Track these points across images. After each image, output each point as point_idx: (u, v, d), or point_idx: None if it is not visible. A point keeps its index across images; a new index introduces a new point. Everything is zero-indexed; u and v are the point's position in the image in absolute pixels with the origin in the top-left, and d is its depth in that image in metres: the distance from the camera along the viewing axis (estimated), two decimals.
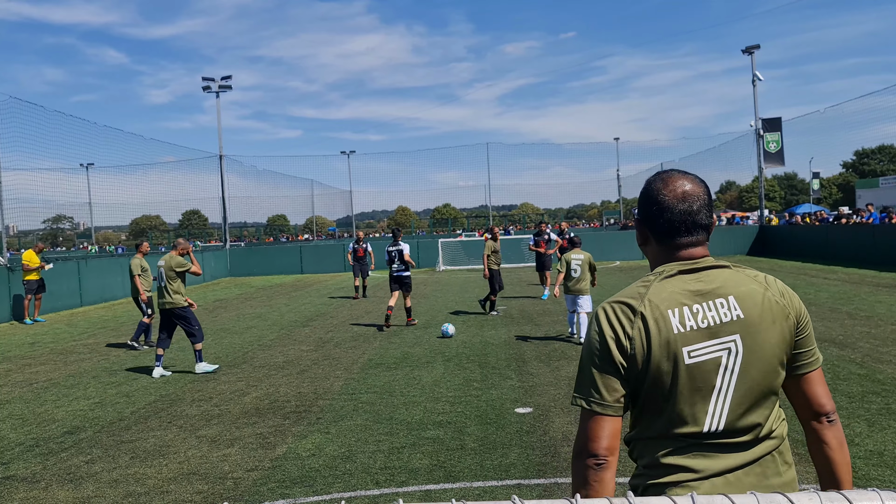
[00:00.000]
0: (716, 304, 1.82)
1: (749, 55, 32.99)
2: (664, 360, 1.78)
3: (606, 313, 1.85)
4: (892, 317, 11.56)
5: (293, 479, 5.38)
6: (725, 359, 1.80)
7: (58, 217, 59.66)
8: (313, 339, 12.36)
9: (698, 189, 1.92)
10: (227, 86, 34.66)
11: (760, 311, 1.83)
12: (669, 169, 1.99)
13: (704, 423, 1.79)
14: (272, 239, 76.77)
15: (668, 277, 1.87)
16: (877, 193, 49.73)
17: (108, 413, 7.72)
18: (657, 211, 1.92)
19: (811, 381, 1.91)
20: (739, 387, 1.80)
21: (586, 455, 1.77)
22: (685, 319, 1.79)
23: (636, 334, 1.79)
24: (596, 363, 1.82)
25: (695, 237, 1.91)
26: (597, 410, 1.79)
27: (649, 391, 1.80)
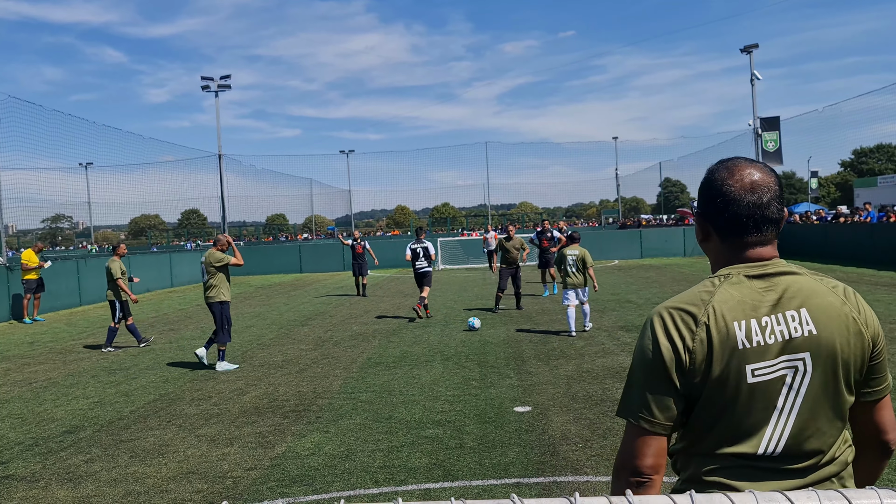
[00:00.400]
0: (786, 316, 1.63)
1: (748, 54, 33.01)
2: (725, 378, 1.61)
3: (664, 321, 1.66)
4: (890, 315, 11.57)
5: (292, 478, 5.39)
6: (791, 377, 1.63)
7: (57, 216, 59.68)
8: (312, 338, 12.37)
9: (768, 179, 1.71)
10: (226, 85, 34.64)
11: (835, 327, 1.64)
12: (734, 157, 1.79)
13: (760, 444, 1.63)
14: (271, 238, 76.79)
15: (735, 283, 1.68)
16: (875, 192, 49.75)
17: (107, 412, 7.73)
18: (722, 203, 1.71)
19: (879, 408, 1.74)
20: (804, 409, 1.63)
21: (629, 472, 1.65)
22: (752, 334, 1.61)
23: (697, 347, 1.61)
24: (648, 377, 1.66)
25: (764, 234, 1.71)
26: (645, 427, 1.65)
27: (704, 408, 1.65)
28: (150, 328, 14.81)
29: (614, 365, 8.84)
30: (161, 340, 12.91)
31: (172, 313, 17.66)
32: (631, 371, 1.72)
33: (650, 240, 31.91)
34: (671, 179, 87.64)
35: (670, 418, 1.64)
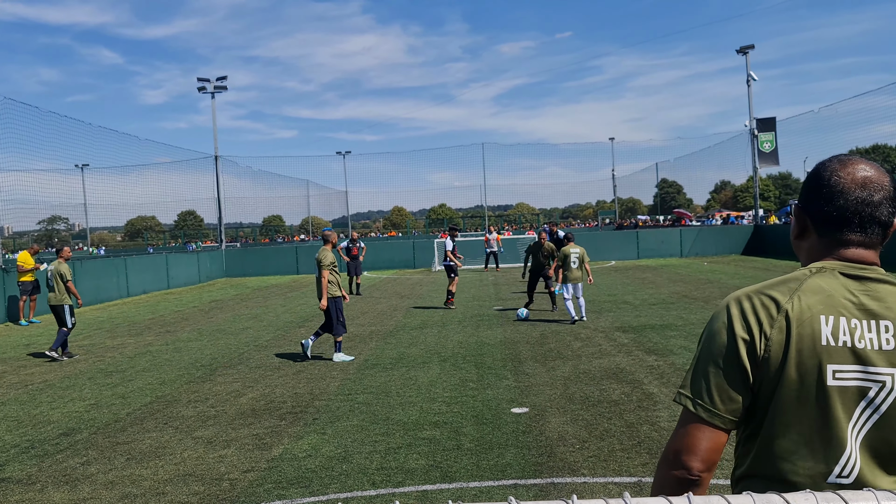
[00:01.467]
0: (880, 325, 1.48)
1: (744, 55, 33.08)
2: (803, 374, 1.47)
3: (742, 305, 1.54)
4: None
5: (289, 479, 5.38)
6: (874, 392, 1.47)
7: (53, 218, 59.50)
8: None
9: (884, 178, 1.57)
10: (222, 86, 34.62)
11: None
12: (850, 153, 1.68)
13: (837, 463, 1.47)
14: (268, 239, 76.72)
15: (828, 276, 1.54)
16: None
17: (103, 414, 7.71)
18: (827, 194, 1.58)
19: None
20: (877, 429, 1.48)
21: (678, 466, 1.51)
22: (839, 332, 1.47)
23: (775, 335, 1.48)
24: (717, 361, 1.52)
25: (868, 236, 1.57)
26: (703, 416, 1.51)
27: (778, 409, 1.50)
28: (147, 330, 14.79)
29: (611, 366, 8.85)
30: (158, 342, 12.89)
31: (169, 315, 17.63)
32: (698, 353, 1.58)
33: (647, 241, 31.94)
34: (667, 180, 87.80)
35: (733, 411, 1.50)
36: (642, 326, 11.86)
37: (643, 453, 5.56)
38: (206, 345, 12.25)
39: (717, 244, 31.67)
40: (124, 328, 15.38)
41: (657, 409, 6.76)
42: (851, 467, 1.47)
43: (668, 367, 8.60)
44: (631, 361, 9.04)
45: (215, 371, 9.83)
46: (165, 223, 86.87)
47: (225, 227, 36.94)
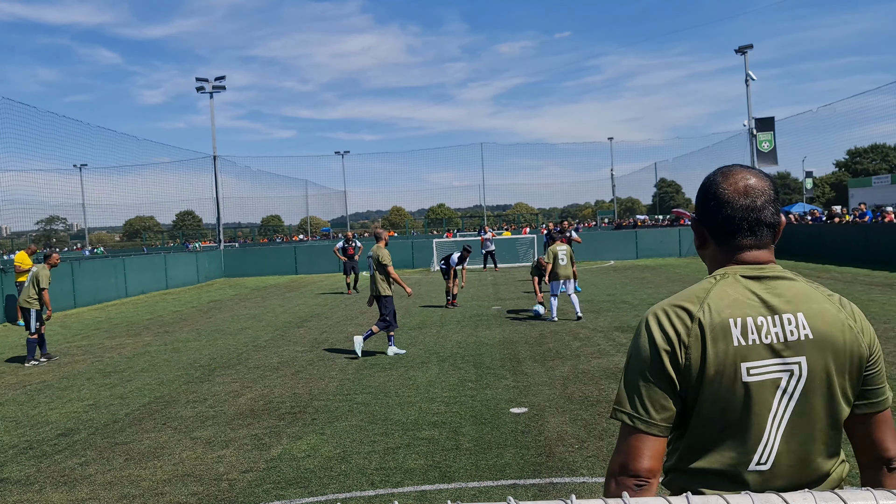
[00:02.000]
0: (783, 319, 1.63)
1: (742, 55, 33.11)
2: (721, 375, 1.59)
3: (659, 318, 1.66)
4: (885, 315, 11.61)
5: (288, 480, 5.37)
6: (786, 381, 1.61)
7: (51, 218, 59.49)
8: (308, 339, 12.35)
9: (763, 183, 1.73)
10: (220, 86, 34.62)
11: (831, 333, 1.63)
12: (732, 164, 1.81)
13: (755, 454, 1.62)
14: (266, 239, 76.69)
15: (731, 282, 1.68)
16: (869, 192, 49.93)
17: (102, 415, 7.70)
18: (716, 206, 1.73)
19: (878, 423, 1.69)
20: (795, 416, 1.62)
21: (626, 475, 1.61)
22: (748, 332, 1.61)
23: (693, 343, 1.60)
24: (645, 375, 1.63)
25: (759, 238, 1.72)
26: (641, 428, 1.61)
27: (701, 410, 1.62)
28: (146, 330, 14.78)
29: (610, 366, 8.84)
30: (156, 343, 12.88)
31: (167, 315, 17.62)
32: (626, 370, 1.69)
33: (645, 240, 31.95)
34: (666, 180, 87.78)
35: (667, 419, 1.61)
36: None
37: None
38: (205, 345, 12.24)
39: None
40: (123, 328, 15.37)
41: None
42: (769, 455, 1.60)
43: None
44: None
45: (214, 371, 9.82)
46: (164, 223, 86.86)
47: (223, 227, 36.93)
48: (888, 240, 21.74)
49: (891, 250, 21.31)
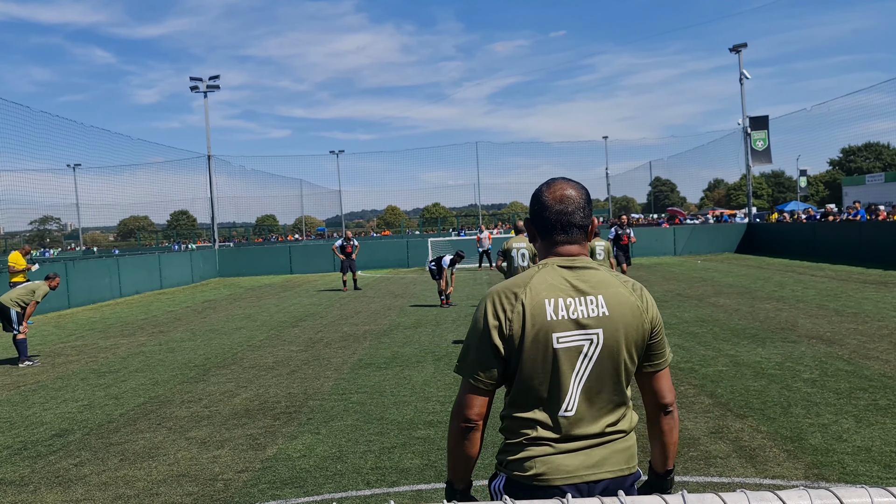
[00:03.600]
0: (587, 300, 2.07)
1: (736, 53, 33.18)
2: (536, 343, 2.03)
3: (493, 299, 2.10)
4: (878, 313, 11.65)
5: (284, 480, 5.36)
6: (587, 347, 2.06)
7: (45, 218, 59.29)
8: (303, 339, 12.33)
9: (576, 194, 2.19)
10: (215, 86, 34.52)
11: (622, 311, 2.09)
12: (556, 177, 2.27)
13: (562, 403, 2.05)
14: (261, 239, 76.55)
15: (550, 270, 2.12)
16: (863, 191, 50.12)
17: (96, 415, 7.68)
18: (539, 209, 2.20)
19: (658, 378, 2.21)
20: (593, 374, 2.06)
21: (461, 419, 2.11)
22: (559, 309, 2.05)
23: (515, 318, 2.04)
24: (478, 344, 2.09)
25: (571, 236, 2.17)
26: (472, 384, 2.09)
27: (522, 369, 2.05)
28: (140, 330, 14.74)
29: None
30: (151, 343, 12.85)
31: (162, 315, 17.57)
32: (467, 336, 2.15)
33: (640, 239, 31.98)
34: (661, 178, 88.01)
35: (492, 377, 2.08)
36: None
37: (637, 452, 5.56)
38: (200, 345, 12.21)
39: (711, 242, 31.76)
40: (117, 328, 15.32)
41: None
42: (573, 405, 2.06)
43: None
44: None
45: (209, 371, 9.80)
46: (158, 223, 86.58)
47: (218, 227, 36.85)
48: (882, 238, 21.83)
49: (884, 248, 21.39)
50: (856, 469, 4.91)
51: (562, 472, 2.03)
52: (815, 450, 5.34)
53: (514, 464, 2.09)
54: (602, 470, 2.06)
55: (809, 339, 9.69)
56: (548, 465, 2.04)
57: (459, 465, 2.20)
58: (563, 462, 2.04)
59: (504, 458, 2.14)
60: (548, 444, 2.05)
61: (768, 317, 11.94)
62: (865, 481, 4.68)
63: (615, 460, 2.09)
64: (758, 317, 12.00)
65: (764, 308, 13.02)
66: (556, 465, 2.04)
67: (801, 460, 5.14)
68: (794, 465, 5.05)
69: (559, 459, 2.04)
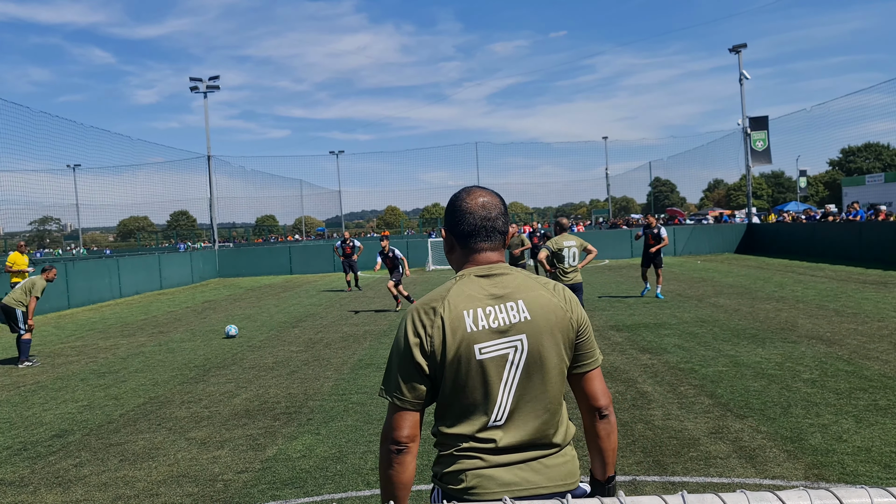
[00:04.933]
0: (507, 306, 2.04)
1: (736, 54, 33.18)
2: (458, 356, 1.98)
3: (412, 316, 2.05)
4: (878, 313, 11.65)
5: (284, 480, 5.36)
6: (512, 355, 2.01)
7: (44, 219, 59.24)
8: (303, 339, 12.33)
9: (495, 200, 2.18)
10: (214, 86, 34.52)
11: (545, 314, 2.05)
12: (472, 185, 2.27)
13: (492, 412, 2.01)
14: (261, 239, 76.53)
15: (467, 281, 2.08)
16: (863, 191, 50.11)
17: (96, 416, 7.67)
18: (460, 216, 2.15)
19: (589, 379, 2.17)
20: (522, 381, 2.02)
21: (389, 442, 2.02)
22: (478, 319, 2.00)
23: (435, 333, 1.99)
24: (400, 363, 2.03)
25: (492, 242, 2.15)
26: (398, 405, 2.02)
27: (448, 383, 2.01)
28: (140, 331, 14.74)
29: (605, 365, 8.85)
30: (150, 343, 12.85)
31: (162, 315, 17.57)
32: (389, 357, 2.09)
33: (640, 239, 31.95)
34: (661, 179, 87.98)
35: (418, 396, 2.01)
36: (636, 325, 11.88)
37: (637, 452, 5.56)
38: (200, 345, 12.21)
39: (711, 243, 31.75)
40: (117, 329, 15.32)
41: (651, 408, 6.76)
42: (503, 413, 2.01)
43: (662, 365, 8.62)
44: (625, 360, 9.05)
45: (209, 372, 9.80)
46: (158, 223, 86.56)
47: (218, 227, 36.84)
48: (882, 238, 21.83)
49: (884, 249, 21.39)
50: (856, 469, 4.91)
51: (494, 486, 1.98)
52: (815, 450, 5.34)
53: (448, 476, 2.03)
54: (536, 486, 2.00)
55: (809, 340, 9.68)
56: (480, 479, 1.99)
57: (393, 492, 2.05)
58: (494, 475, 1.99)
59: (438, 471, 2.08)
60: (479, 456, 2.00)
61: (768, 317, 11.94)
62: (865, 481, 4.68)
63: (551, 475, 2.03)
64: (758, 317, 12.00)
65: (764, 308, 13.02)
66: (489, 478, 1.99)
67: (801, 460, 5.14)
68: (794, 466, 5.05)
69: (490, 472, 1.99)
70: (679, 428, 6.09)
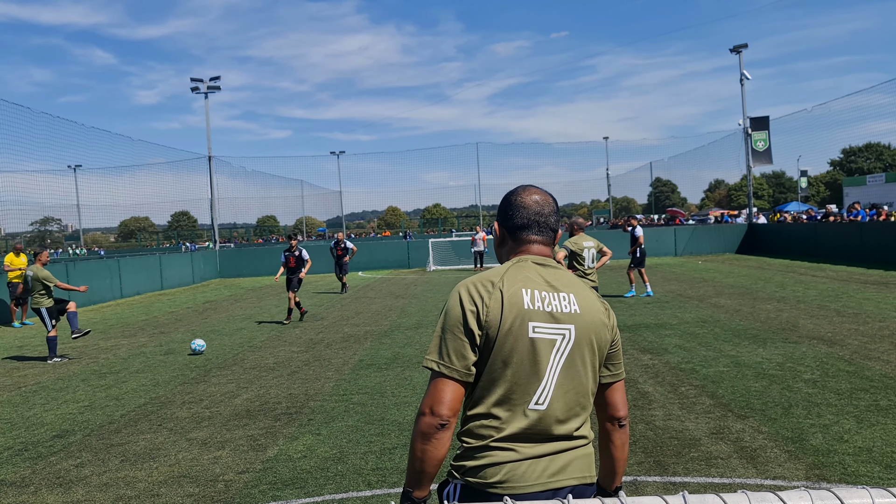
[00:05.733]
0: (559, 296, 2.10)
1: (737, 54, 33.17)
2: (514, 328, 2.01)
3: (468, 287, 2.09)
4: (879, 314, 11.64)
5: (284, 480, 5.36)
6: (559, 342, 2.05)
7: (45, 219, 59.22)
8: (304, 340, 12.33)
9: (549, 199, 2.27)
10: (215, 86, 34.56)
11: (591, 313, 2.12)
12: (526, 184, 2.31)
13: (536, 392, 2.02)
14: (262, 240, 76.53)
15: (524, 265, 2.15)
16: (864, 191, 50.11)
17: (97, 416, 7.68)
18: (514, 210, 2.23)
19: (614, 389, 2.20)
20: (565, 370, 2.05)
21: (432, 415, 1.97)
22: (535, 299, 2.06)
23: (493, 304, 2.03)
24: (453, 331, 2.03)
25: (544, 236, 2.22)
26: (444, 373, 2.00)
27: (497, 359, 2.01)
28: (141, 331, 14.74)
29: None
30: (151, 344, 12.85)
31: (162, 316, 17.57)
32: (439, 328, 2.08)
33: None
34: (662, 179, 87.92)
35: (466, 367, 2.01)
36: (637, 325, 11.88)
37: (638, 452, 5.56)
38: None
39: (712, 243, 31.74)
40: (118, 329, 15.32)
41: (652, 408, 6.76)
42: (546, 398, 2.03)
43: (663, 365, 8.61)
44: (626, 360, 9.04)
45: (209, 372, 9.80)
46: (159, 224, 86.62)
47: (219, 228, 36.85)
48: (883, 238, 21.81)
49: (886, 249, 21.38)
50: (857, 470, 4.91)
51: (525, 480, 1.97)
52: (817, 450, 5.33)
53: (474, 470, 2.00)
54: (565, 476, 2.01)
55: (810, 340, 9.68)
56: (511, 472, 1.97)
57: (423, 470, 1.99)
58: (526, 469, 1.98)
59: (462, 465, 2.04)
60: (513, 448, 1.99)
61: (769, 317, 11.93)
62: (867, 482, 4.67)
63: (579, 465, 2.05)
64: (759, 317, 12.00)
65: (765, 309, 13.01)
66: (521, 472, 1.98)
67: (802, 461, 5.14)
68: (795, 466, 5.05)
69: (524, 466, 1.98)
70: (680, 428, 6.09)
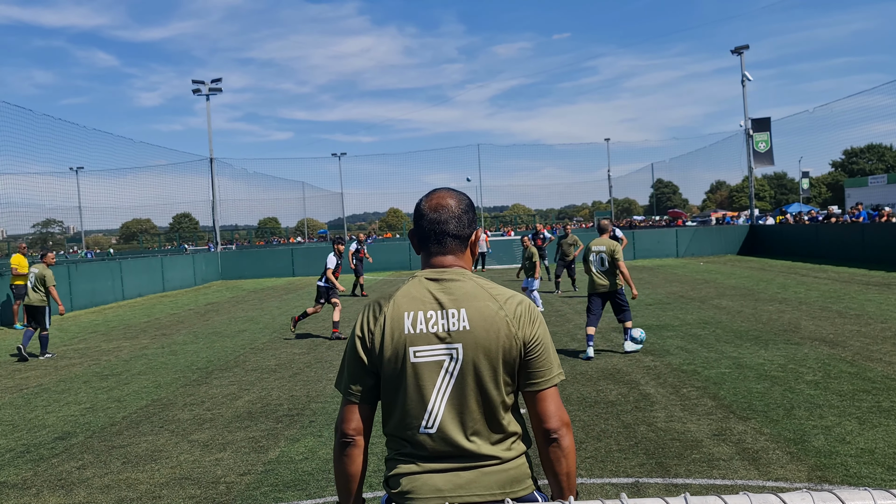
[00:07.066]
0: (448, 313, 2.02)
1: (738, 55, 33.15)
2: (394, 356, 2.01)
3: (365, 312, 2.11)
4: (881, 315, 11.62)
5: (286, 482, 5.36)
6: (447, 363, 2.00)
7: (47, 221, 59.31)
8: (306, 341, 12.33)
9: (454, 203, 2.16)
10: (217, 88, 34.58)
11: (485, 326, 2.01)
12: (439, 187, 2.23)
13: (424, 417, 2.00)
14: (263, 242, 76.58)
15: (416, 282, 2.10)
16: (866, 192, 50.08)
17: (99, 418, 7.68)
18: (416, 219, 2.18)
19: (540, 399, 2.05)
20: (455, 390, 2.00)
21: (338, 434, 2.09)
22: (417, 322, 2.02)
23: (377, 330, 2.04)
24: (348, 356, 2.10)
25: (444, 247, 2.14)
26: (347, 398, 2.09)
27: (385, 383, 2.05)
28: (142, 333, 14.75)
29: (607, 366, 8.84)
30: (153, 346, 12.86)
31: (164, 318, 17.58)
32: (343, 353, 2.18)
33: (643, 241, 31.97)
34: (663, 180, 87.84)
35: (364, 390, 2.07)
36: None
37: (640, 454, 5.56)
38: (202, 347, 12.21)
39: (713, 244, 31.72)
40: (120, 331, 15.33)
41: (654, 410, 6.75)
42: (434, 421, 2.00)
43: (664, 367, 8.61)
44: (627, 362, 9.04)
45: (211, 374, 9.80)
46: (161, 226, 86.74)
47: (220, 230, 36.87)
48: (885, 240, 21.79)
49: (888, 250, 21.35)
50: (859, 471, 4.90)
51: (428, 491, 1.96)
52: (819, 452, 5.32)
53: (391, 480, 2.05)
54: (468, 493, 1.96)
55: (812, 341, 9.67)
56: (414, 483, 1.98)
57: (342, 486, 2.13)
58: (428, 481, 1.97)
59: (385, 475, 2.10)
60: (413, 461, 2.01)
61: (771, 319, 11.92)
62: (869, 483, 4.67)
63: (486, 483, 1.98)
64: (760, 319, 11.98)
65: (766, 310, 13.00)
66: (423, 483, 1.98)
67: (805, 462, 5.13)
68: (797, 468, 5.04)
69: (424, 478, 1.98)
70: (682, 430, 6.08)
